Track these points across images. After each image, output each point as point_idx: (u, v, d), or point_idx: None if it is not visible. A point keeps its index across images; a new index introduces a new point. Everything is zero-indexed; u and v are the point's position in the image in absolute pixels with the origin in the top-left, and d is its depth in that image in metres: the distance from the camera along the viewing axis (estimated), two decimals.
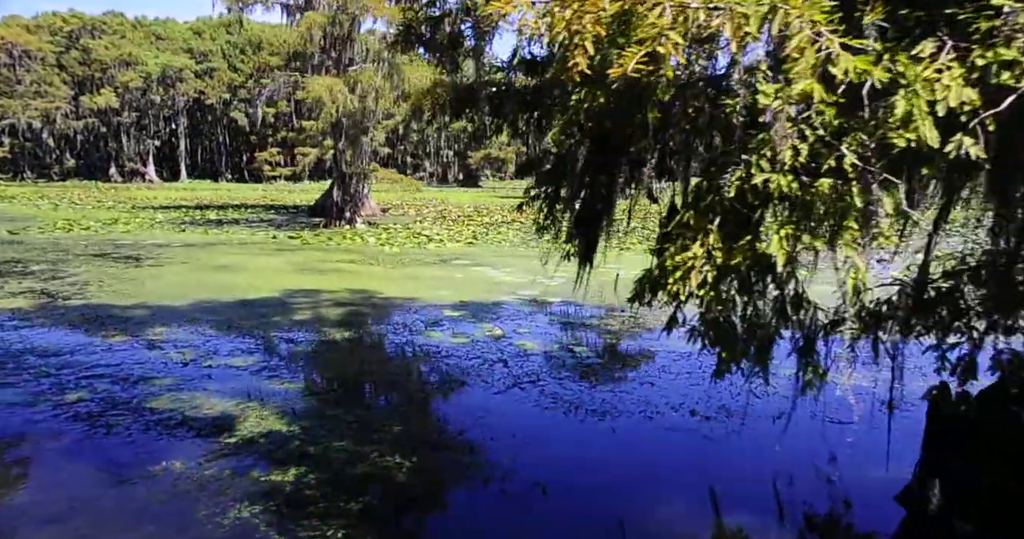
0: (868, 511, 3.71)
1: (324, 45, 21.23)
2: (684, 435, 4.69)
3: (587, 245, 4.15)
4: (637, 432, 4.77)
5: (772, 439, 4.47)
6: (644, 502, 3.86)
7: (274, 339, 7.15)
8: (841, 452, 4.36)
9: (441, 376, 5.75)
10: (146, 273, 11.69)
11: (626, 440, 4.66)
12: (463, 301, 9.24)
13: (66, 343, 6.81)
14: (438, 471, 4.10)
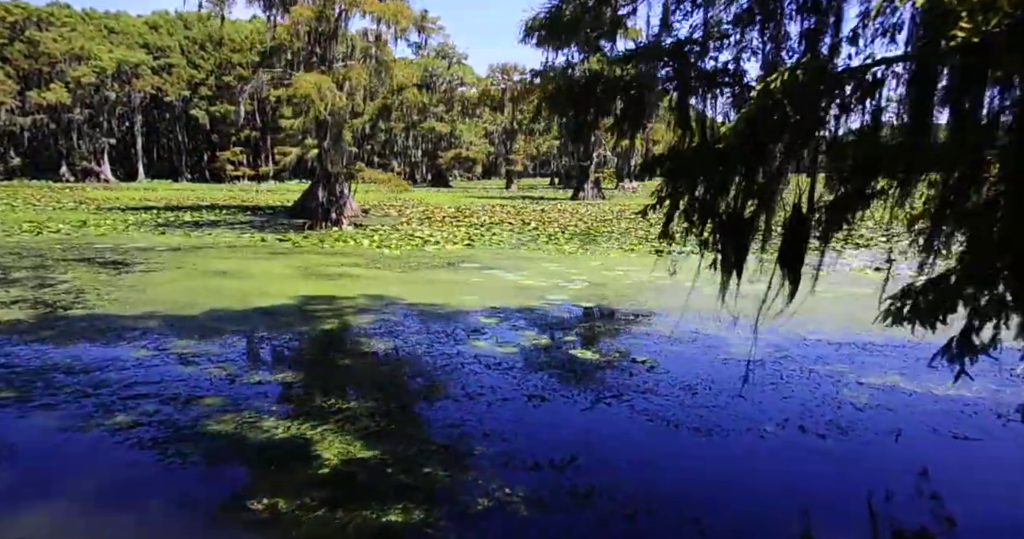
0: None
1: (309, 41, 20.57)
2: (808, 456, 4.36)
3: (737, 253, 3.81)
4: (756, 453, 4.41)
5: (898, 456, 4.30)
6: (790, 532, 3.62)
7: (312, 351, 6.71)
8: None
9: (514, 390, 5.40)
10: (142, 280, 10.99)
11: (748, 462, 4.30)
12: (493, 307, 8.91)
13: (90, 358, 6.24)
14: (559, 498, 3.79)
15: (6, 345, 6.71)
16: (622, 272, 11.88)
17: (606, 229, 20.99)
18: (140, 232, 19.35)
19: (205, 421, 4.73)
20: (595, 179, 42.92)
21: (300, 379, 5.77)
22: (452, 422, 4.69)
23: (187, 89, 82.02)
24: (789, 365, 5.92)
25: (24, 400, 5.09)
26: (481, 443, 4.33)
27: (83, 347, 6.71)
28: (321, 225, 21.74)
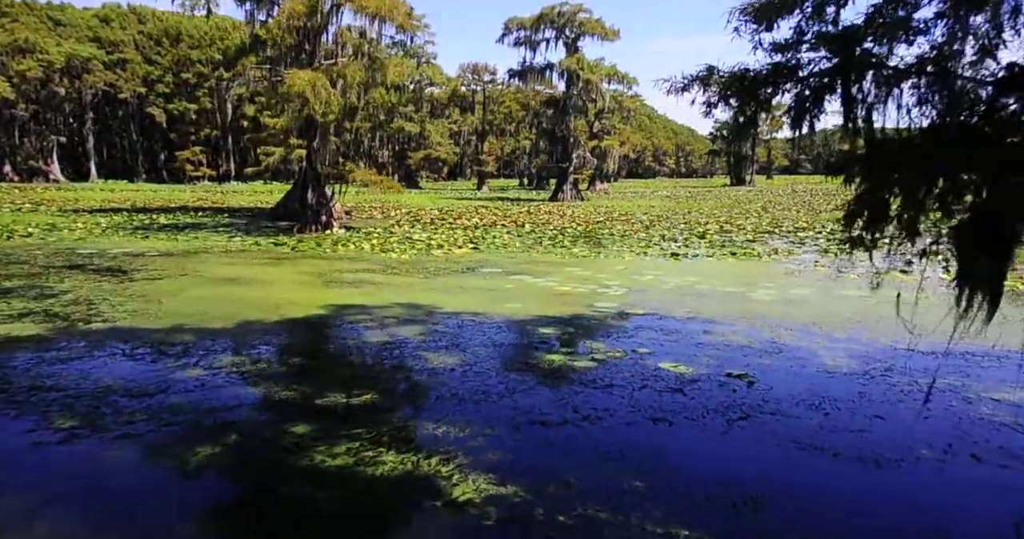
0: None
1: (298, 37, 19.76)
2: (1007, 493, 3.84)
3: (995, 272, 3.42)
4: (948, 488, 3.91)
5: None
6: None
7: (381, 368, 6.20)
8: None
9: (630, 412, 4.99)
10: (150, 289, 10.21)
11: (949, 499, 3.79)
12: (543, 316, 8.51)
13: (145, 379, 5.61)
14: None
15: (42, 364, 6.00)
16: (652, 276, 11.63)
17: (605, 231, 20.78)
18: (120, 236, 18.24)
19: (311, 454, 4.22)
20: (573, 180, 42.85)
21: (388, 402, 5.27)
22: (588, 450, 4.29)
23: (143, 86, 78.71)
24: (899, 378, 5.67)
25: (99, 429, 4.48)
26: (635, 476, 3.93)
27: (128, 366, 6.05)
28: (310, 228, 20.92)
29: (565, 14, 40.08)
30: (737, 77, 4.03)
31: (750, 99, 4.07)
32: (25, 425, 4.63)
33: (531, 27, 40.90)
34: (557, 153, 44.26)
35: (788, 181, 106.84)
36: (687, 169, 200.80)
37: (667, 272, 12.26)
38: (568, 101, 41.87)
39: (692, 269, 12.69)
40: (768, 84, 3.96)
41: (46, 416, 4.76)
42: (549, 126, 43.58)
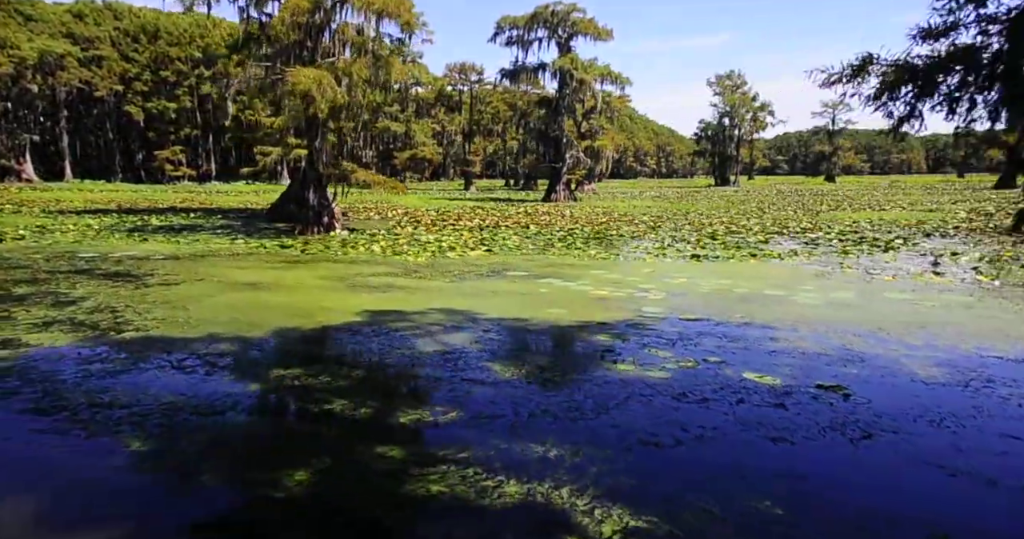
0: None
1: (299, 34, 19.24)
2: None
3: None
4: None
5: None
6: None
7: (448, 380, 5.86)
8: None
9: (738, 428, 4.66)
10: (171, 295, 9.73)
11: None
12: (591, 321, 8.24)
13: (204, 394, 5.21)
14: None
15: (91, 378, 5.57)
16: (684, 279, 11.43)
17: (613, 232, 20.60)
18: (116, 239, 17.59)
19: (420, 482, 3.89)
20: (567, 181, 42.68)
21: (478, 421, 4.92)
22: (715, 474, 4.01)
23: (119, 84, 76.79)
24: (1007, 390, 5.44)
25: (180, 454, 4.09)
26: (777, 503, 3.65)
27: (183, 380, 5.64)
28: (312, 230, 20.43)
29: (559, 13, 39.91)
30: (906, 66, 3.78)
31: (928, 87, 3.81)
32: (99, 448, 4.24)
33: (524, 26, 40.67)
34: (549, 153, 44.04)
35: (770, 182, 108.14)
36: (668, 169, 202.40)
37: (696, 275, 12.07)
38: (561, 101, 41.69)
39: (719, 271, 12.52)
40: (945, 71, 3.71)
41: (118, 437, 4.37)
42: (542, 126, 43.35)
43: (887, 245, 16.33)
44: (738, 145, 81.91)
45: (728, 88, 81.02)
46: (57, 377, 5.66)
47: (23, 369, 5.91)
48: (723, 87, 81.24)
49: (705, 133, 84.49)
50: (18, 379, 5.61)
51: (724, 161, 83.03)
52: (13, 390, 5.31)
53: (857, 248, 15.94)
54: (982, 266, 12.73)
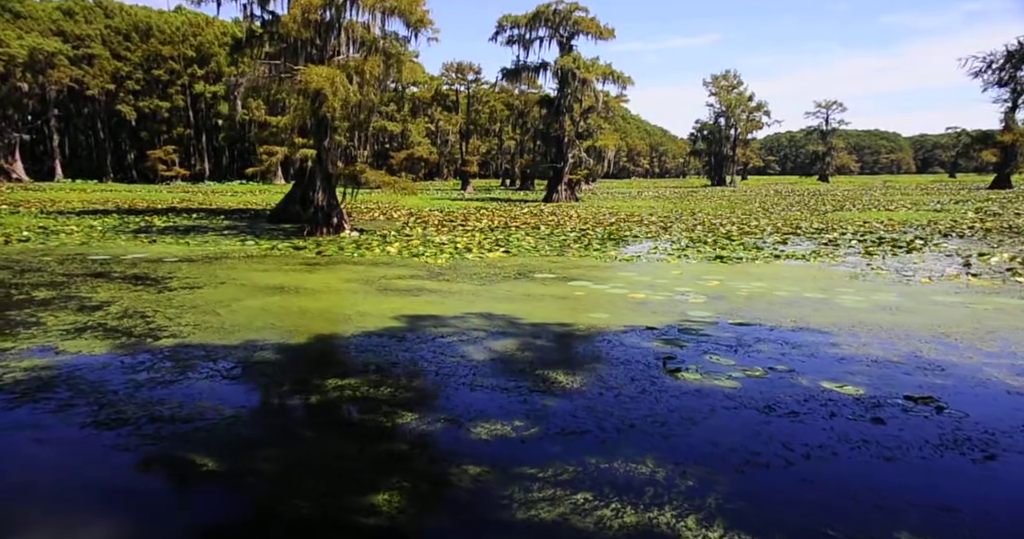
0: None
1: (311, 33, 18.88)
2: None
3: None
4: None
5: None
6: None
7: (519, 393, 5.59)
8: None
9: (848, 449, 4.26)
10: (198, 299, 9.41)
11: None
12: (638, 326, 8.01)
13: (266, 408, 4.94)
14: None
15: (141, 389, 5.27)
16: (717, 282, 11.23)
17: (626, 232, 20.38)
18: (124, 240, 17.18)
19: (531, 505, 3.65)
20: (568, 181, 42.46)
21: (564, 436, 4.65)
22: (846, 500, 3.77)
23: (111, 82, 75.79)
24: None
25: (260, 475, 3.81)
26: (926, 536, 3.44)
27: (239, 392, 5.36)
28: (322, 231, 20.09)
29: (561, 12, 39.68)
30: None
31: None
32: (175, 468, 3.96)
33: (526, 25, 40.41)
34: (551, 153, 43.82)
35: (763, 182, 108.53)
36: (661, 169, 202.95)
37: (727, 277, 11.88)
38: (563, 101, 41.47)
39: (749, 273, 12.34)
40: None
41: (191, 456, 4.09)
42: (543, 126, 43.14)
43: (909, 246, 16.21)
44: (734, 145, 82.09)
45: (724, 88, 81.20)
46: (107, 388, 5.36)
47: (70, 379, 5.61)
48: (719, 87, 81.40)
49: (701, 133, 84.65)
50: (68, 389, 5.31)
51: (720, 161, 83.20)
52: (68, 402, 5.01)
53: (879, 249, 15.81)
54: (1017, 267, 12.62)
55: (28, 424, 4.69)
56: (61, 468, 4.08)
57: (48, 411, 4.89)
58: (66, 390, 5.32)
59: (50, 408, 4.94)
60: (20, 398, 5.17)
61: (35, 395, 5.22)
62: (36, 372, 5.81)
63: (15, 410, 4.96)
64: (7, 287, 9.99)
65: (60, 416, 4.81)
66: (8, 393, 5.28)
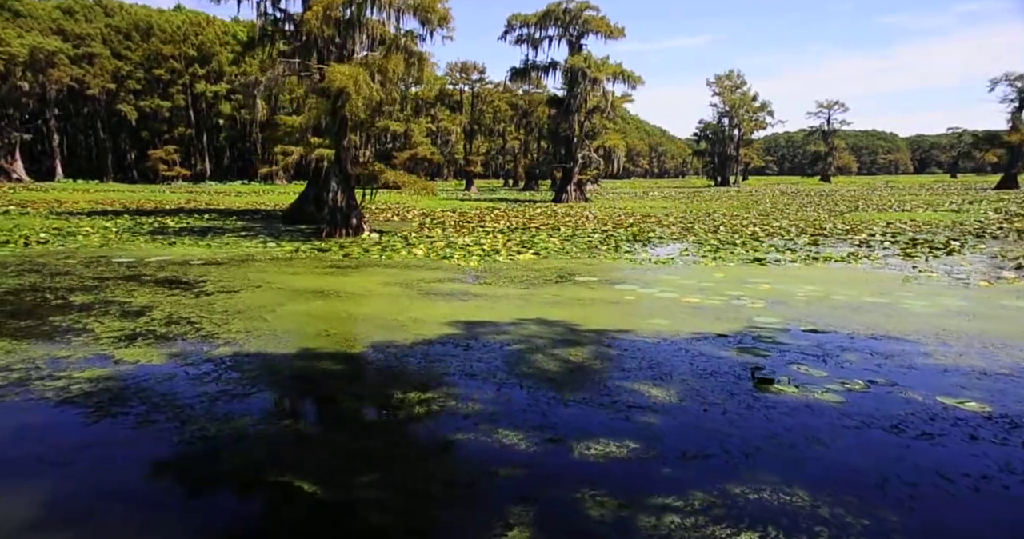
0: None
1: (332, 30, 18.52)
2: None
3: None
4: None
5: None
6: None
7: (608, 409, 5.26)
8: None
9: (1017, 481, 3.95)
10: (237, 303, 9.05)
11: None
12: (705, 333, 7.68)
13: (359, 430, 4.59)
14: None
15: (216, 403, 4.90)
16: (768, 285, 10.92)
17: (650, 233, 20.06)
18: (143, 242, 16.80)
19: (682, 536, 3.32)
20: (578, 181, 42.15)
21: (675, 458, 4.36)
22: None
23: (112, 82, 75.17)
24: None
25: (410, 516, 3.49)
26: None
27: (317, 407, 5.02)
28: (341, 232, 19.75)
29: (571, 11, 39.38)
30: None
31: None
32: (276, 495, 3.62)
33: (535, 24, 40.11)
34: (560, 153, 43.50)
35: (764, 182, 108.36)
36: (660, 170, 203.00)
37: (774, 280, 11.57)
38: (573, 100, 41.16)
39: (796, 276, 12.03)
40: None
41: (289, 479, 3.74)
42: (553, 125, 42.83)
43: (947, 248, 15.94)
44: (738, 145, 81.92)
45: (728, 88, 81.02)
46: (180, 401, 5.02)
47: (139, 391, 5.26)
48: (722, 87, 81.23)
49: (705, 133, 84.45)
50: (142, 403, 4.98)
51: (724, 161, 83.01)
52: (147, 418, 4.67)
53: (916, 251, 15.53)
54: None
55: (115, 441, 4.35)
56: (171, 495, 3.74)
57: (129, 426, 4.55)
58: (139, 403, 4.98)
59: (130, 423, 4.60)
60: (97, 413, 4.83)
61: (110, 409, 4.88)
62: (101, 383, 5.47)
63: (96, 425, 4.63)
64: (42, 291, 9.62)
65: (144, 432, 4.47)
66: (83, 406, 4.95)
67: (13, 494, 3.72)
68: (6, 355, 6.31)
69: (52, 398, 5.13)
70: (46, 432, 4.58)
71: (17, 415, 4.86)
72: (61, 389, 5.32)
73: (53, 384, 5.44)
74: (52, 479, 3.89)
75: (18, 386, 5.41)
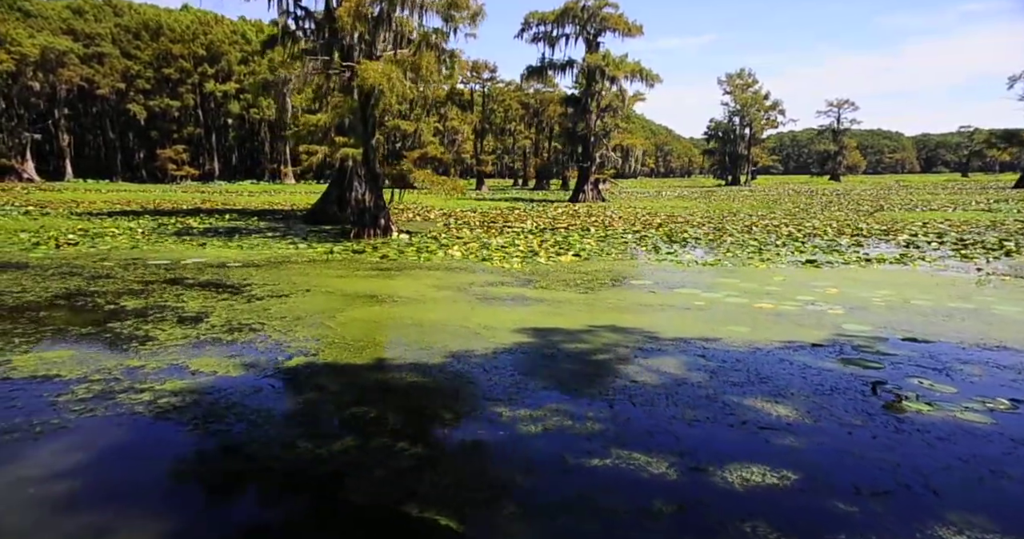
0: None
1: (364, 27, 18.14)
2: None
3: None
4: None
5: None
6: None
7: (734, 429, 4.86)
8: None
9: None
10: (293, 308, 8.65)
11: None
12: (795, 342, 7.25)
13: (509, 451, 4.20)
14: None
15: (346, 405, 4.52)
16: (836, 289, 10.48)
17: (686, 234, 19.63)
18: (172, 243, 16.42)
19: None
20: (594, 180, 41.70)
21: (861, 494, 3.97)
22: None
23: (121, 81, 74.92)
24: None
25: None
26: None
27: (425, 426, 4.61)
28: (370, 233, 19.37)
29: (589, 8, 38.92)
30: None
31: None
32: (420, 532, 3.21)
33: (553, 22, 39.67)
34: (576, 152, 43.08)
35: (773, 181, 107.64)
36: (666, 169, 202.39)
37: (837, 283, 11.13)
38: (589, 99, 40.72)
39: (857, 279, 11.59)
40: None
41: (425, 514, 3.34)
42: (570, 124, 42.39)
43: (1002, 248, 15.47)
44: (749, 144, 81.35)
45: (739, 86, 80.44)
46: (277, 418, 4.62)
47: (231, 407, 4.87)
48: (733, 86, 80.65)
49: (716, 133, 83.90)
50: (239, 420, 4.58)
51: (735, 160, 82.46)
52: (252, 437, 4.26)
53: (970, 252, 15.07)
54: None
55: (232, 468, 3.96)
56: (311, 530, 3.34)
57: (238, 448, 4.15)
58: (236, 419, 4.59)
59: (238, 443, 4.21)
60: (197, 431, 4.45)
61: (208, 426, 4.49)
62: (187, 396, 5.08)
63: (202, 445, 4.23)
64: (90, 295, 9.23)
65: (255, 455, 4.07)
66: (181, 423, 4.57)
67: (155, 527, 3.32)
68: (79, 365, 5.94)
69: (144, 413, 4.75)
70: (154, 450, 4.20)
71: (116, 432, 4.48)
72: (149, 403, 4.93)
73: (139, 397, 5.05)
74: (179, 510, 3.50)
75: (104, 399, 5.03)
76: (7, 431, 4.49)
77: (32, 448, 4.24)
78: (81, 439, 4.39)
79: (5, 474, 3.90)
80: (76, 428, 4.50)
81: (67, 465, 4.03)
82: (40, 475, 3.89)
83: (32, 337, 7.08)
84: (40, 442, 4.33)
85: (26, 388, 5.31)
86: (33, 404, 4.99)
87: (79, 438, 4.40)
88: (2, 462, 4.05)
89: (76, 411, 4.81)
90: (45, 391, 5.23)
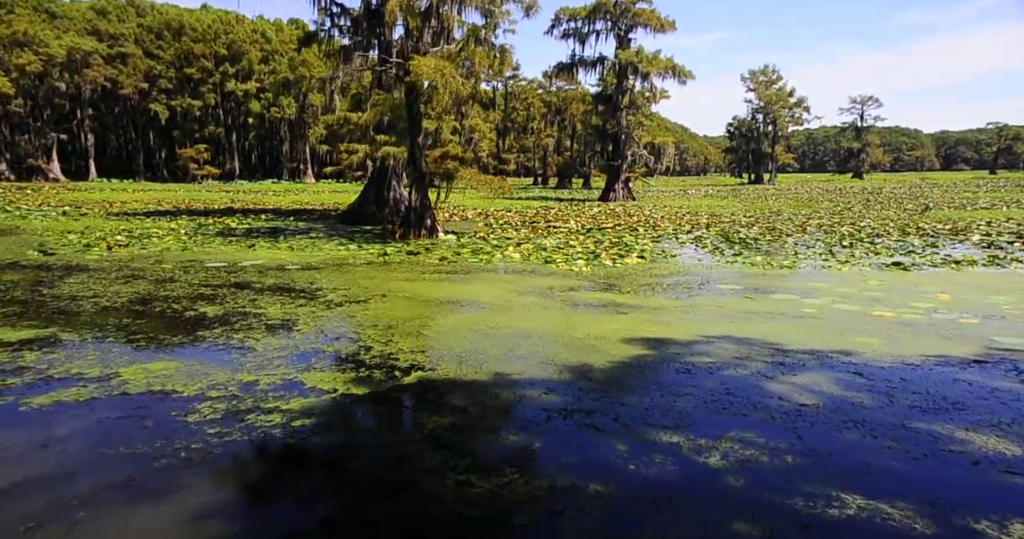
0: None
1: (414, 21, 17.60)
2: None
3: None
4: None
5: None
6: None
7: (976, 461, 4.26)
8: None
9: None
10: (378, 316, 8.08)
11: None
12: (946, 357, 6.63)
13: (695, 484, 3.63)
14: None
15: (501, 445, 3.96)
16: (949, 296, 9.77)
17: (742, 235, 18.94)
18: (219, 245, 15.98)
19: None
20: (625, 179, 40.97)
21: None
22: None
23: (144, 81, 75.15)
24: None
25: None
26: None
27: (593, 456, 4.03)
28: (416, 233, 18.86)
29: (621, 4, 38.20)
30: None
31: None
32: None
33: (584, 18, 38.99)
34: (606, 150, 42.38)
35: (794, 179, 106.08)
36: (682, 167, 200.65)
37: (946, 288, 10.40)
38: (621, 96, 40.01)
39: (962, 283, 10.87)
40: None
41: None
42: (600, 122, 41.70)
43: None
44: (773, 142, 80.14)
45: (763, 83, 79.25)
46: (430, 448, 4.05)
47: (371, 433, 4.29)
48: (757, 83, 79.46)
49: (739, 130, 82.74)
50: (389, 452, 3.99)
51: (759, 158, 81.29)
52: (447, 465, 3.70)
53: None
54: None
55: (421, 512, 3.39)
56: None
57: (429, 491, 3.59)
58: (384, 451, 4.00)
59: (426, 485, 3.64)
60: (349, 461, 3.87)
61: (356, 458, 3.91)
62: (320, 418, 4.54)
63: (361, 474, 3.66)
64: (164, 300, 8.75)
65: (436, 492, 3.50)
66: (328, 450, 3.99)
67: None
68: (190, 378, 5.43)
69: (284, 438, 4.21)
70: (313, 482, 3.65)
71: (264, 463, 3.95)
72: (285, 426, 4.40)
73: (269, 419, 4.52)
74: None
75: (235, 420, 4.51)
76: (156, 457, 3.98)
77: (189, 477, 3.73)
78: (231, 465, 3.87)
79: (175, 505, 3.36)
80: (223, 455, 3.98)
81: (231, 500, 3.49)
82: (211, 511, 3.35)
83: (128, 346, 6.61)
84: (196, 471, 3.81)
85: (149, 405, 4.81)
86: (167, 426, 4.48)
87: (229, 465, 3.89)
88: (168, 492, 3.55)
89: (213, 434, 4.28)
90: (171, 409, 4.72)
